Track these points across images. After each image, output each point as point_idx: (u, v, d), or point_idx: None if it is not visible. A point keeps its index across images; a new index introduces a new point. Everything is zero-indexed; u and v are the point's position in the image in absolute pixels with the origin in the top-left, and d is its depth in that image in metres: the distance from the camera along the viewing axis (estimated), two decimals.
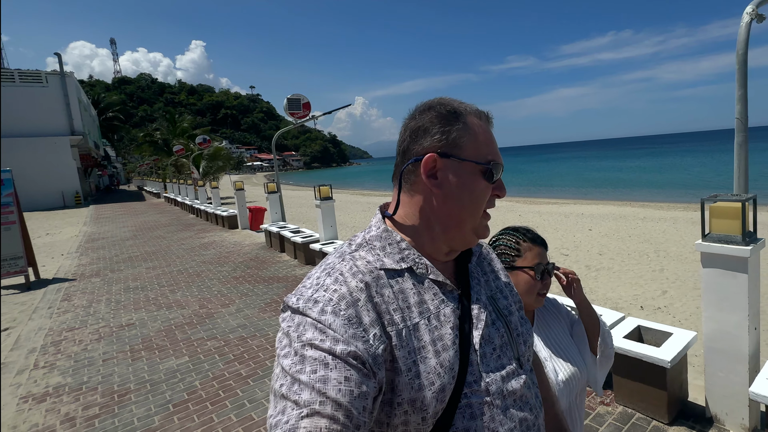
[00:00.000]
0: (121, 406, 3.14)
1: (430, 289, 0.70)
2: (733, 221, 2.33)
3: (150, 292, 6.13)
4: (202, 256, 8.40)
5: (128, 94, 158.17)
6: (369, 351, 0.59)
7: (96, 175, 41.15)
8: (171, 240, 10.70)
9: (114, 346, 4.26)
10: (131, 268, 7.79)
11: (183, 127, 30.52)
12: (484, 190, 0.71)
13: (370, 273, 0.67)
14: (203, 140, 17.63)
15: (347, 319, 0.60)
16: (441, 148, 0.70)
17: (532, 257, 1.21)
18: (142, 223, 14.71)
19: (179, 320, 4.87)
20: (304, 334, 0.58)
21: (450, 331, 0.68)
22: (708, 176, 30.07)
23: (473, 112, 0.73)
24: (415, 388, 0.62)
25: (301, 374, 0.55)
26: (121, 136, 51.30)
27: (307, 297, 0.62)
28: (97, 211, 20.26)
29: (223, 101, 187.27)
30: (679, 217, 13.64)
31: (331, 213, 6.96)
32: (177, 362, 3.80)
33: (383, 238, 0.72)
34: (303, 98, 9.29)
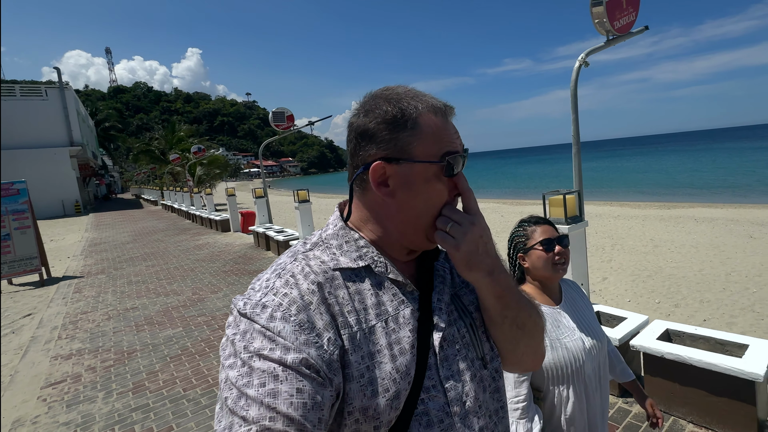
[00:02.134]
0: (130, 359, 4.15)
1: (389, 290, 0.67)
2: (559, 208, 3.37)
3: (150, 284, 7.14)
4: (196, 255, 9.42)
5: (124, 102, 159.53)
6: (323, 357, 0.56)
7: (94, 185, 42.16)
8: (168, 243, 11.72)
9: (122, 323, 5.26)
10: (132, 266, 8.80)
11: (180, 136, 31.51)
12: (439, 192, 0.66)
13: (324, 273, 0.64)
14: (198, 149, 18.68)
15: (298, 324, 0.57)
16: (389, 154, 0.65)
17: (539, 235, 1.36)
18: (140, 229, 15.72)
19: (175, 303, 5.89)
20: (251, 344, 0.55)
21: (409, 334, 0.65)
22: (681, 176, 31.18)
23: (428, 109, 0.67)
24: (367, 395, 0.59)
25: (248, 388, 0.52)
26: (117, 145, 52.30)
27: (255, 301, 0.59)
28: (97, 219, 21.27)
29: (220, 109, 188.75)
30: (651, 215, 14.72)
31: (309, 214, 7.98)
32: (173, 332, 4.81)
33: (340, 236, 0.69)
34: (287, 111, 10.33)
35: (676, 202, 19.20)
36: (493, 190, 32.92)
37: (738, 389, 2.26)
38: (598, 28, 3.66)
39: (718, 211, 15.11)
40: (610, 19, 3.55)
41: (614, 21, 3.58)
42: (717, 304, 5.86)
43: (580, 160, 3.69)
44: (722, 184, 24.36)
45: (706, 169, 35.01)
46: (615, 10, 3.57)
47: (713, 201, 18.50)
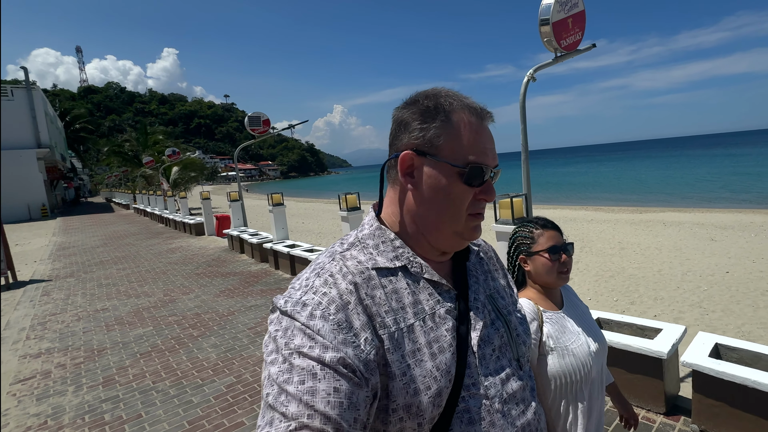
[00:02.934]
0: (100, 357, 4.31)
1: (425, 289, 0.69)
2: (506, 210, 3.72)
3: (120, 286, 7.22)
4: (169, 258, 9.49)
5: (95, 103, 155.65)
6: (360, 357, 0.58)
7: (62, 188, 41.08)
8: (140, 246, 11.70)
9: (92, 323, 5.38)
10: (103, 270, 8.82)
11: (154, 138, 31.10)
12: (462, 193, 0.67)
13: (361, 274, 0.65)
14: (172, 152, 18.56)
15: (337, 323, 0.59)
16: (418, 146, 0.68)
17: (546, 240, 1.33)
18: (111, 233, 15.56)
19: (146, 305, 6.02)
20: (292, 341, 0.57)
21: (446, 332, 0.67)
22: (655, 182, 32.55)
23: (463, 107, 0.69)
24: (410, 393, 0.61)
25: (288, 384, 0.54)
26: (87, 147, 51.05)
27: (295, 299, 0.62)
28: (65, 223, 20.86)
29: (197, 111, 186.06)
30: (622, 219, 15.42)
31: (283, 217, 8.20)
32: (143, 330, 4.97)
33: (376, 236, 0.71)
34: (263, 115, 10.53)
35: (648, 206, 20.10)
36: None
37: (648, 366, 2.62)
38: (546, 46, 4.04)
39: (686, 215, 15.93)
40: (556, 39, 3.94)
41: (560, 40, 3.98)
42: (669, 301, 6.34)
43: (528, 166, 4.06)
44: (692, 190, 25.56)
45: (678, 174, 36.60)
46: (561, 30, 3.97)
47: (683, 206, 19.45)
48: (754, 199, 20.03)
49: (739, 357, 2.42)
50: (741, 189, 23.78)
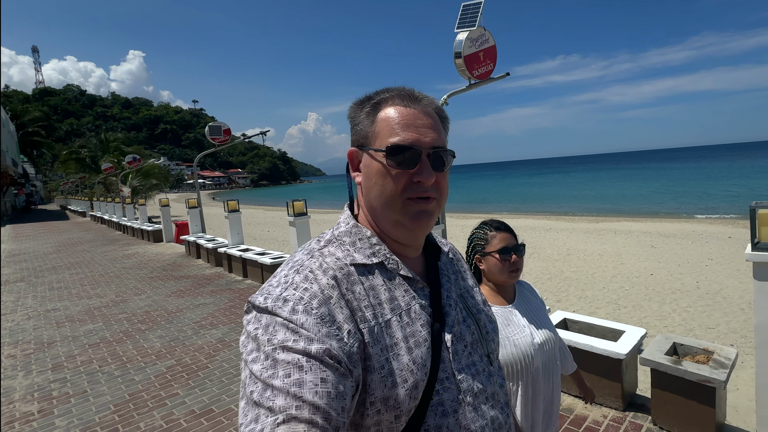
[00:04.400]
0: (50, 348, 4.73)
1: (401, 286, 0.72)
2: None
3: (72, 289, 7.54)
4: (123, 264, 9.80)
5: (52, 106, 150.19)
6: (344, 349, 0.60)
7: (12, 194, 39.70)
8: (95, 253, 11.88)
9: (42, 321, 5.74)
10: (55, 274, 9.05)
11: (114, 144, 30.63)
12: (394, 177, 0.69)
13: (341, 269, 0.68)
14: (133, 159, 18.62)
15: (320, 317, 0.61)
16: (356, 141, 0.74)
17: (498, 242, 1.47)
18: (65, 240, 15.52)
19: (97, 304, 6.41)
20: (275, 336, 0.58)
21: (421, 327, 0.70)
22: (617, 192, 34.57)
23: (393, 95, 0.72)
24: (388, 385, 0.64)
25: (273, 379, 0.54)
26: (42, 152, 49.51)
27: (276, 296, 0.62)
28: (15, 230, 20.46)
29: (163, 116, 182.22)
30: (579, 228, 16.54)
31: (238, 223, 8.70)
32: (93, 326, 5.39)
33: (353, 234, 0.74)
34: (224, 125, 11.05)
35: (604, 216, 21.44)
36: None
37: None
38: (461, 75, 4.81)
39: (637, 224, 17.20)
40: (468, 70, 4.70)
41: (473, 71, 4.75)
42: (592, 299, 7.20)
43: None
44: (646, 201, 27.35)
45: (637, 186, 38.88)
46: (473, 62, 4.74)
47: (636, 215, 20.87)
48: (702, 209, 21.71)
49: None
50: (690, 200, 25.70)
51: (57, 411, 3.35)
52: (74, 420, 3.20)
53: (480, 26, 4.63)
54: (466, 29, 4.58)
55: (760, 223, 2.36)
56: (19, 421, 3.24)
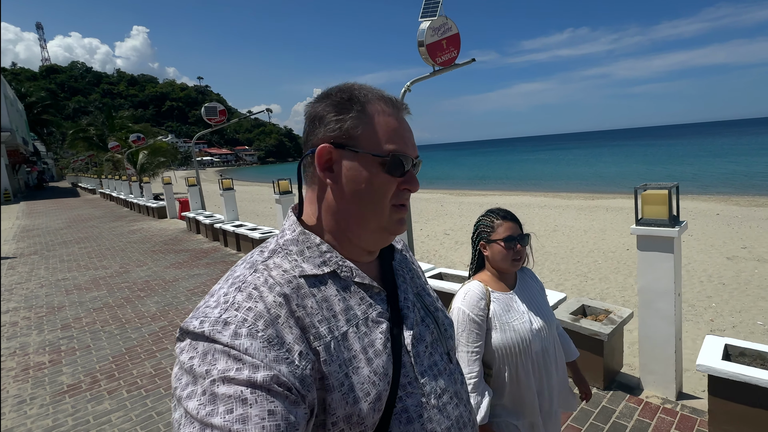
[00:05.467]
0: (60, 312, 5.32)
1: (356, 294, 0.68)
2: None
3: (81, 261, 8.15)
4: (129, 238, 10.41)
5: (59, 83, 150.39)
6: (295, 373, 0.55)
7: (25, 172, 40.58)
8: (102, 228, 12.51)
9: (53, 290, 6.34)
10: (65, 248, 9.68)
11: (120, 122, 30.97)
12: (384, 183, 0.68)
13: (289, 283, 0.63)
14: (137, 137, 19.07)
15: (267, 340, 0.55)
16: (335, 139, 0.67)
17: (503, 231, 1.51)
18: (76, 216, 16.20)
19: (103, 275, 7.00)
20: (214, 366, 0.52)
21: (380, 335, 0.67)
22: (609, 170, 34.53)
23: (377, 98, 0.70)
24: (350, 402, 0.60)
25: (212, 417, 0.49)
26: (51, 130, 50.15)
27: (214, 318, 0.56)
28: (29, 207, 21.23)
29: (169, 93, 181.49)
30: (572, 205, 16.81)
31: (232, 200, 9.20)
32: (98, 293, 5.98)
33: (300, 242, 0.69)
34: (219, 106, 11.39)
35: (601, 193, 21.54)
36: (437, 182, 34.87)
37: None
38: (426, 62, 5.11)
39: (630, 202, 17.35)
40: (431, 57, 5.00)
41: (435, 58, 5.04)
42: (564, 272, 7.62)
43: None
44: (643, 178, 27.35)
45: (636, 163, 38.69)
46: (436, 50, 5.03)
47: (631, 193, 20.96)
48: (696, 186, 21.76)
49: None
50: (686, 176, 25.70)
51: (64, 361, 3.93)
52: (78, 368, 3.78)
53: (442, 15, 4.91)
54: (428, 18, 4.86)
55: (643, 202, 2.76)
56: (32, 368, 3.83)
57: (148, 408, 3.10)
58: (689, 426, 2.56)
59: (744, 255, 7.64)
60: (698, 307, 5.49)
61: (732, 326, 4.85)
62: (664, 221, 2.64)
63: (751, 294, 5.74)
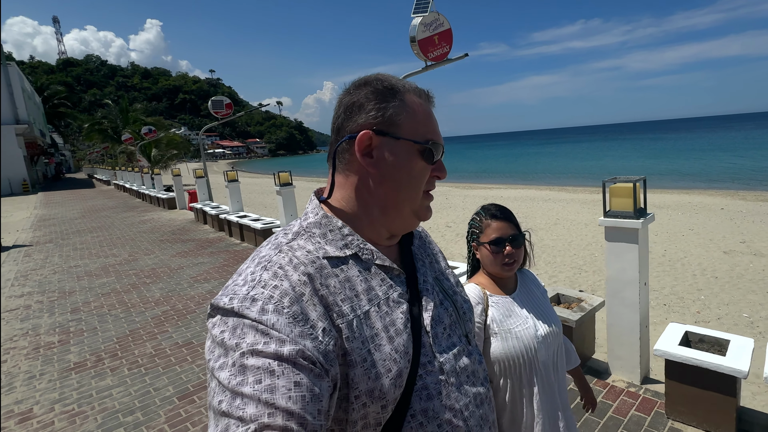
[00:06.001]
0: (70, 296, 5.59)
1: (377, 275, 0.71)
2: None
3: (93, 249, 8.45)
4: (139, 228, 10.72)
5: (75, 77, 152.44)
6: (319, 348, 0.58)
7: (43, 163, 41.48)
8: (115, 218, 12.87)
9: (65, 276, 6.63)
10: (78, 237, 10.02)
11: (134, 115, 31.42)
12: (422, 170, 0.71)
13: (312, 263, 0.65)
14: (149, 130, 19.41)
15: (292, 316, 0.58)
16: (377, 125, 0.70)
17: (491, 232, 1.36)
18: (90, 207, 16.63)
19: (112, 262, 7.28)
20: (243, 340, 0.55)
21: (401, 315, 0.69)
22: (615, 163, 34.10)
23: (412, 89, 0.73)
24: (372, 377, 0.63)
25: (243, 386, 0.52)
26: (68, 122, 51.06)
27: (242, 295, 0.59)
28: (47, 197, 21.81)
29: (181, 86, 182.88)
30: (577, 199, 16.75)
31: (237, 192, 9.41)
32: (107, 280, 6.24)
33: (323, 225, 0.71)
34: (225, 99, 11.62)
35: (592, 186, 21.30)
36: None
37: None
38: (418, 57, 5.20)
39: None
40: (423, 53, 5.09)
41: (427, 54, 5.13)
42: (559, 264, 7.69)
43: None
44: (647, 171, 27.01)
45: (643, 157, 38.15)
46: (428, 46, 5.11)
47: None
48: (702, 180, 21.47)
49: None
50: (692, 171, 25.33)
51: (72, 341, 4.18)
52: (85, 347, 4.02)
53: (433, 11, 4.99)
54: (420, 15, 4.94)
55: (611, 195, 2.86)
56: (43, 347, 4.08)
57: (146, 384, 3.31)
58: (649, 408, 2.69)
59: (741, 249, 7.63)
60: (687, 299, 5.55)
61: (717, 318, 4.92)
62: (629, 213, 2.74)
63: (742, 288, 5.78)
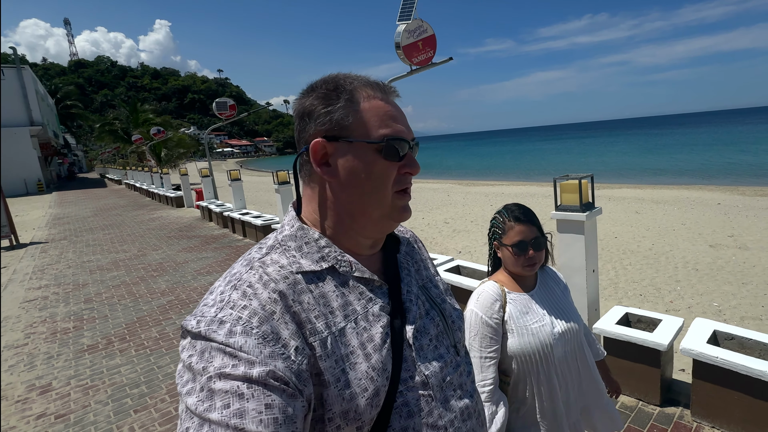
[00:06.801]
0: (84, 288, 6.02)
1: (355, 289, 0.67)
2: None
3: (104, 246, 8.91)
4: (148, 225, 11.18)
5: (86, 78, 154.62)
6: (291, 368, 0.55)
7: (56, 164, 42.43)
8: (126, 217, 13.37)
9: (79, 270, 7.07)
10: (91, 234, 10.50)
11: (144, 116, 31.94)
12: (384, 170, 0.66)
13: (285, 279, 0.62)
14: (157, 131, 19.88)
15: (262, 336, 0.55)
16: (327, 132, 0.66)
17: (514, 235, 1.36)
18: (102, 206, 17.19)
19: (122, 257, 7.71)
20: (210, 363, 0.53)
21: (380, 329, 0.66)
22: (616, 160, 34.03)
23: (364, 84, 0.68)
24: (346, 398, 0.60)
25: (210, 412, 0.50)
26: (80, 123, 52.05)
27: (210, 318, 0.57)
28: (61, 197, 22.49)
29: (190, 85, 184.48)
30: None
31: (240, 190, 9.80)
32: (117, 273, 6.67)
33: (298, 237, 0.68)
34: (229, 101, 11.98)
35: (606, 183, 21.44)
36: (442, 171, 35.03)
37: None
38: (403, 62, 5.50)
39: (635, 191, 17.30)
40: (408, 57, 5.38)
41: (412, 58, 5.42)
42: None
43: None
44: (650, 166, 26.97)
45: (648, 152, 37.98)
46: (412, 51, 5.41)
47: (636, 183, 20.83)
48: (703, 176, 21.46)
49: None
50: (694, 166, 25.27)
51: (86, 327, 4.60)
52: (97, 332, 4.43)
53: (416, 18, 5.28)
54: (404, 22, 5.24)
55: (561, 190, 3.16)
56: (59, 332, 4.50)
57: (151, 363, 3.70)
58: None
59: (728, 243, 7.83)
60: (663, 290, 5.81)
61: (688, 307, 5.18)
62: (576, 207, 3.04)
63: (718, 279, 6.02)
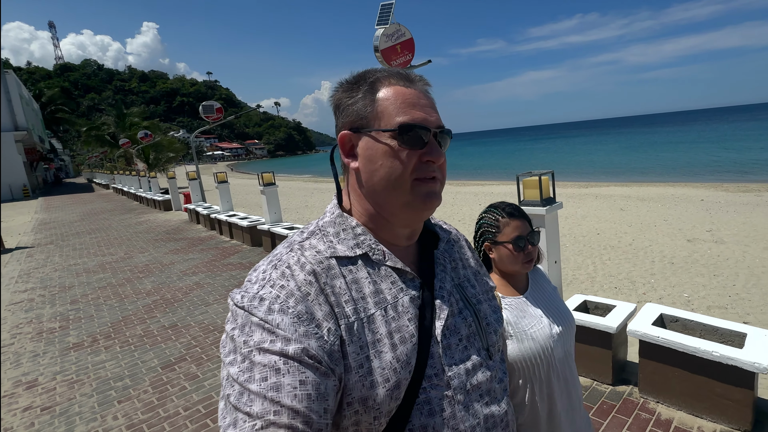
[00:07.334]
0: (70, 290, 6.11)
1: (388, 277, 0.69)
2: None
3: (91, 249, 8.96)
4: (135, 229, 11.23)
5: (72, 82, 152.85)
6: (324, 348, 0.58)
7: (42, 169, 42.00)
8: (113, 220, 13.39)
9: (66, 273, 7.14)
10: (78, 238, 10.53)
11: (132, 120, 31.72)
12: (401, 157, 0.66)
13: (320, 263, 0.65)
14: (145, 135, 19.86)
15: (297, 316, 0.59)
16: (352, 123, 0.69)
17: (512, 231, 1.34)
18: (89, 210, 17.14)
19: (109, 260, 7.79)
20: (251, 337, 0.57)
21: (408, 322, 0.66)
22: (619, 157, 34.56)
23: (389, 75, 0.70)
24: (366, 385, 0.61)
25: (250, 383, 0.54)
26: (66, 128, 51.55)
27: (252, 294, 0.61)
28: (47, 202, 22.33)
29: (179, 88, 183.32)
30: (564, 193, 17.13)
31: (227, 192, 9.90)
32: (103, 275, 6.75)
33: (337, 224, 0.71)
34: (216, 104, 12.11)
35: (599, 181, 21.76)
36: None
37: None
38: (382, 65, 5.68)
39: (621, 189, 17.58)
40: (386, 61, 5.56)
41: (390, 62, 5.60)
42: None
43: None
44: (642, 164, 27.46)
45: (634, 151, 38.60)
46: (391, 54, 5.59)
47: (626, 180, 21.20)
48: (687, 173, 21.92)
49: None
50: (679, 164, 25.78)
51: (71, 327, 4.70)
52: (82, 331, 4.54)
53: (394, 23, 5.47)
54: (382, 26, 5.43)
55: (524, 186, 3.35)
56: (45, 332, 4.60)
57: (135, 358, 3.82)
58: None
59: (705, 237, 8.09)
60: (638, 282, 6.03)
61: (659, 298, 5.41)
62: (537, 202, 3.23)
63: (692, 272, 6.26)
